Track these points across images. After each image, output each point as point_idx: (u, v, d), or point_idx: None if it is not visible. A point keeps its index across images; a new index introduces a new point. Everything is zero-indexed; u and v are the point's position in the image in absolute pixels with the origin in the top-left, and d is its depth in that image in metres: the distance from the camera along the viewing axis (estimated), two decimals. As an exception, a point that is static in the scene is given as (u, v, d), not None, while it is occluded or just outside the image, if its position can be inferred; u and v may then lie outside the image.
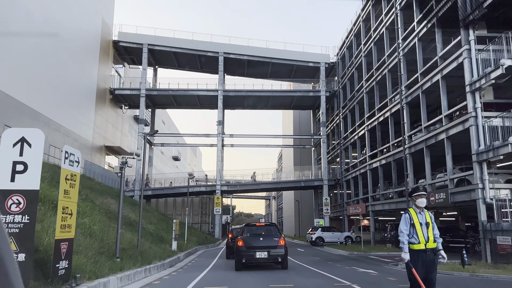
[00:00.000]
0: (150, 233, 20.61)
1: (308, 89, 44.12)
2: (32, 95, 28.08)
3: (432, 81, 21.93)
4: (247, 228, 13.90)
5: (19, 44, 27.34)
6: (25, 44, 28.14)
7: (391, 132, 27.96)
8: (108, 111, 42.41)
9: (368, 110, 33.12)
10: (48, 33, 31.27)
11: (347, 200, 39.29)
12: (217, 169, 41.13)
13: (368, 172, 32.33)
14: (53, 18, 31.49)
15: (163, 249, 17.40)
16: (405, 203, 25.22)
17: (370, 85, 32.34)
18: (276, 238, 12.89)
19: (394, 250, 25.06)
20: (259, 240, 12.85)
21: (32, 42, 29.01)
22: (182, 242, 24.26)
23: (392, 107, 27.76)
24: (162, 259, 15.29)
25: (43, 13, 29.42)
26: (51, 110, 30.47)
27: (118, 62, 46.46)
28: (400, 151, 26.26)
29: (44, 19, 30.08)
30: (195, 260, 18.94)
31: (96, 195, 21.78)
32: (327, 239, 33.40)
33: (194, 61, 45.51)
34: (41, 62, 29.62)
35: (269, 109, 48.97)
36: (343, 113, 40.28)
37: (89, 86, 37.87)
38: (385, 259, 19.84)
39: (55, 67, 31.52)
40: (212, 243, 32.86)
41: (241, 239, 12.91)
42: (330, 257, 20.96)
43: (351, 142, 37.40)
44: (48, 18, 30.70)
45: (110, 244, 12.37)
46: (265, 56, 42.73)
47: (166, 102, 46.40)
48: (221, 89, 41.72)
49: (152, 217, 25.74)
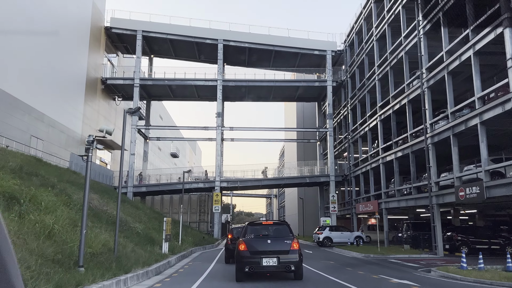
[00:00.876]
0: (138, 233, 17.85)
1: (313, 79, 41.26)
2: (11, 80, 25.32)
3: (461, 60, 19.14)
4: (251, 227, 11.03)
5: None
6: (5, 27, 25.37)
7: (409, 121, 25.16)
8: (99, 103, 39.65)
9: (381, 98, 30.35)
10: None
11: (356, 197, 36.52)
12: (216, 164, 38.37)
13: (381, 166, 29.55)
14: (38, 0, 28.75)
15: (150, 252, 14.64)
16: (427, 199, 22.48)
17: (383, 70, 29.55)
18: (288, 240, 10.10)
19: (414, 252, 22.34)
20: (266, 243, 10.07)
21: (14, 26, 26.21)
22: (176, 243, 21.51)
23: (410, 93, 24.97)
24: (147, 265, 12.52)
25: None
26: (33, 98, 27.71)
27: (111, 51, 43.67)
28: (420, 141, 23.47)
29: (30, 1, 27.32)
30: (189, 265, 16.18)
31: (77, 190, 19.02)
32: (335, 240, 30.64)
33: (191, 50, 42.72)
34: (23, 46, 26.88)
35: (272, 101, 46.18)
36: (352, 103, 37.48)
37: (78, 74, 35.08)
38: (409, 263, 17.07)
39: (39, 51, 28.75)
40: (211, 244, 30.11)
41: (243, 242, 10.12)
42: (345, 261, 18.19)
43: (361, 134, 34.60)
44: (33, 0, 27.95)
45: (74, 249, 9.60)
46: (268, 44, 39.93)
47: (162, 94, 43.63)
48: (220, 79, 38.93)
49: (143, 215, 23.00)
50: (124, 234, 15.80)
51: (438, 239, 21.17)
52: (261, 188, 49.00)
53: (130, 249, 13.53)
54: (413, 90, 24.55)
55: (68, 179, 21.21)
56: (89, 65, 36.98)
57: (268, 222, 11.61)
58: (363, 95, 33.96)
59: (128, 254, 12.63)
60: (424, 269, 14.89)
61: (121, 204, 22.94)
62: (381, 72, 29.95)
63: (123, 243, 13.68)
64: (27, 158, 21.84)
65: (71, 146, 33.26)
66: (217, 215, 37.83)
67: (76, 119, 34.30)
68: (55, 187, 16.50)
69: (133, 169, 37.21)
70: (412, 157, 24.66)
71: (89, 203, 18.30)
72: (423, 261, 18.19)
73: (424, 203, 23.06)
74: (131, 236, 16.52)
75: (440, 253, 21.07)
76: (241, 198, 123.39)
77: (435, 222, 21.32)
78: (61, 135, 31.50)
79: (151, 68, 43.67)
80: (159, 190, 39.59)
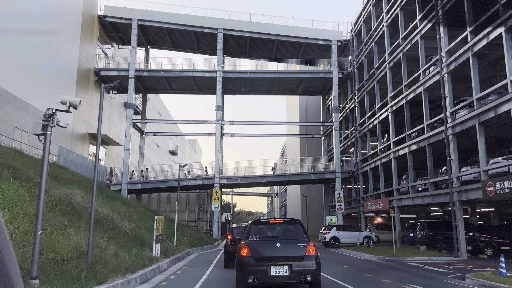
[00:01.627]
0: (125, 233, 15.78)
1: (318, 70, 39.13)
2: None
3: (489, 39, 17.05)
4: (256, 227, 8.81)
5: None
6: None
7: (425, 110, 23.05)
8: (92, 95, 37.58)
9: (392, 89, 28.26)
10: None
11: (364, 195, 34.44)
12: (216, 160, 36.32)
13: (393, 161, 27.46)
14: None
15: (136, 256, 12.57)
16: (446, 196, 20.41)
17: (395, 58, 27.46)
18: (303, 243, 8.02)
19: (432, 254, 20.29)
20: (275, 247, 7.98)
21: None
22: (170, 244, 19.46)
23: (426, 81, 22.87)
24: (130, 271, 10.47)
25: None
26: (18, 87, 25.66)
27: (106, 42, 41.60)
28: (438, 132, 21.37)
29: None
30: (183, 270, 14.13)
31: (58, 184, 16.98)
32: (343, 240, 28.59)
33: (190, 41, 40.64)
34: (8, 32, 24.84)
35: (274, 94, 44.06)
36: (359, 96, 35.37)
37: (68, 64, 32.99)
38: (433, 268, 15.00)
39: (24, 38, 26.70)
40: (209, 244, 28.06)
41: (246, 246, 8.03)
42: (360, 264, 16.11)
43: (370, 128, 32.50)
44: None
45: (29, 254, 7.53)
46: (270, 33, 37.84)
47: (158, 86, 41.53)
48: (220, 70, 36.83)
49: (134, 213, 20.93)
50: (108, 234, 13.74)
51: (461, 240, 19.09)
52: (263, 185, 46.93)
53: (112, 252, 11.47)
54: (430, 77, 22.45)
55: (51, 174, 19.13)
56: (81, 55, 34.90)
57: (277, 220, 9.23)
58: (372, 86, 31.86)
59: (108, 259, 10.57)
60: (455, 275, 12.82)
61: (110, 201, 20.94)
62: (393, 60, 27.86)
63: (103, 245, 11.62)
64: (4, 150, 19.82)
65: (60, 140, 31.10)
66: (216, 214, 35.78)
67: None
68: (30, 181, 14.47)
69: (128, 165, 35.14)
70: (429, 150, 22.57)
71: (71, 199, 16.28)
72: (447, 265, 16.12)
73: (443, 200, 20.99)
74: (117, 236, 14.45)
75: (463, 255, 19.00)
76: (241, 197, 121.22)
77: (457, 220, 19.26)
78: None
79: (147, 59, 41.59)
80: (156, 187, 37.51)
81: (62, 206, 13.70)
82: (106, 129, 40.51)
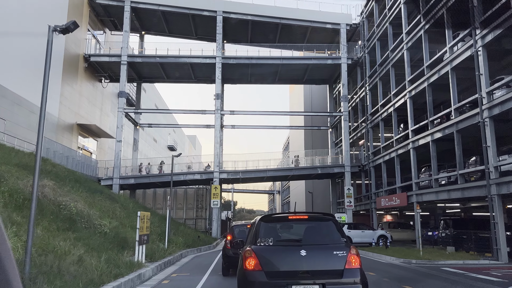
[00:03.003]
0: (103, 233, 13.00)
1: (325, 56, 36.28)
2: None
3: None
4: (267, 226, 5.85)
5: None
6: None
7: (453, 92, 20.23)
8: (82, 83, 34.76)
9: (411, 71, 25.46)
10: None
11: (376, 190, 31.66)
12: (215, 153, 33.55)
13: (411, 152, 24.65)
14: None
15: (109, 262, 9.78)
16: (479, 190, 17.65)
17: (414, 37, 24.62)
18: (341, 251, 5.17)
19: (465, 257, 17.51)
20: (299, 257, 5.10)
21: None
22: (161, 245, 16.71)
23: (454, 59, 20.05)
24: (94, 286, 7.70)
25: None
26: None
27: (98, 28, 38.77)
28: (470, 116, 18.56)
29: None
30: (171, 278, 11.36)
31: (28, 175, 14.19)
32: (355, 240, 25.77)
33: (187, 25, 37.81)
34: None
35: (278, 83, 41.19)
36: (371, 82, 32.55)
37: (53, 47, 30.12)
38: (477, 274, 12.20)
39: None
40: (207, 244, 25.32)
41: (253, 255, 5.17)
42: (387, 270, 13.32)
43: (383, 117, 29.70)
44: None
45: None
46: (273, 16, 34.99)
47: (153, 74, 38.72)
48: (219, 56, 34.02)
49: (119, 209, 18.13)
50: (77, 234, 10.99)
51: (501, 240, 16.31)
52: (265, 180, 44.06)
53: (74, 258, 8.68)
54: (458, 54, 19.62)
55: (22, 163, 16.41)
56: (68, 39, 31.98)
57: (299, 215, 6.05)
58: (386, 71, 29.04)
59: (64, 268, 7.80)
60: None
61: (91, 195, 18.11)
62: (411, 39, 25.03)
63: (63, 249, 8.83)
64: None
65: (44, 130, 28.37)
66: (216, 211, 33.03)
67: (51, 99, 29.32)
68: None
69: (119, 158, 32.37)
70: (458, 137, 19.75)
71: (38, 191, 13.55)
72: (492, 271, 13.33)
73: (476, 194, 18.18)
74: (90, 237, 11.68)
75: (503, 258, 16.22)
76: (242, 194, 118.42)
77: (496, 218, 16.48)
78: (31, 116, 26.62)
79: (141, 44, 38.74)
80: (150, 183, 34.74)
81: (20, 199, 10.94)
82: (98, 120, 37.77)
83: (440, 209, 32.51)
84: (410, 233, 33.17)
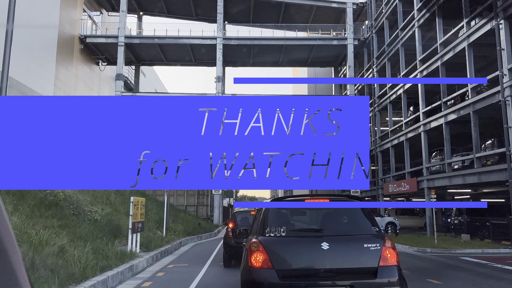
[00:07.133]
0: (93, 220, 11.94)
1: (331, 36, 34.79)
2: None
3: None
4: (277, 212, 4.56)
5: None
6: None
7: (470, 70, 18.93)
8: (78, 65, 33.46)
9: (422, 50, 24.10)
10: None
11: (383, 175, 30.55)
12: (216, 138, 32.35)
13: (422, 135, 23.44)
14: None
15: (97, 253, 8.72)
16: (498, 174, 16.50)
17: (426, 14, 23.16)
18: (373, 244, 4.07)
19: (481, 245, 16.46)
20: (320, 251, 4.00)
21: None
22: (159, 233, 15.70)
23: (471, 34, 18.69)
24: (74, 281, 6.64)
25: None
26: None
27: (94, 8, 37.31)
28: (489, 95, 17.29)
29: None
30: (167, 270, 10.33)
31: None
32: (362, 227, 24.76)
33: (187, 5, 36.32)
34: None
35: (281, 66, 39.83)
36: (379, 63, 31.16)
37: (46, 27, 28.81)
38: (503, 265, 11.12)
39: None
40: (209, 232, 24.38)
41: (261, 248, 4.06)
42: (403, 261, 12.18)
43: (392, 99, 28.41)
44: None
45: None
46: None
47: (152, 57, 37.39)
48: (220, 36, 32.60)
49: (113, 195, 17.07)
50: (62, 222, 9.91)
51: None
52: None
53: (54, 249, 7.60)
54: (477, 29, 18.26)
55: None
56: (63, 18, 30.66)
57: (318, 198, 4.68)
58: (395, 51, 27.65)
59: (40, 261, 6.71)
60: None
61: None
62: (423, 16, 23.60)
63: (42, 238, 7.75)
64: None
65: (38, 113, 27.25)
66: (217, 198, 32.06)
67: (44, 80, 28.16)
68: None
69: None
70: (475, 118, 18.51)
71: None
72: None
73: (494, 179, 17.02)
74: (78, 225, 10.61)
75: (524, 247, 15.14)
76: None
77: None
78: (23, 99, 25.47)
79: (140, 25, 37.35)
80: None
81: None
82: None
83: (450, 195, 31.42)
84: (417, 220, 32.19)
